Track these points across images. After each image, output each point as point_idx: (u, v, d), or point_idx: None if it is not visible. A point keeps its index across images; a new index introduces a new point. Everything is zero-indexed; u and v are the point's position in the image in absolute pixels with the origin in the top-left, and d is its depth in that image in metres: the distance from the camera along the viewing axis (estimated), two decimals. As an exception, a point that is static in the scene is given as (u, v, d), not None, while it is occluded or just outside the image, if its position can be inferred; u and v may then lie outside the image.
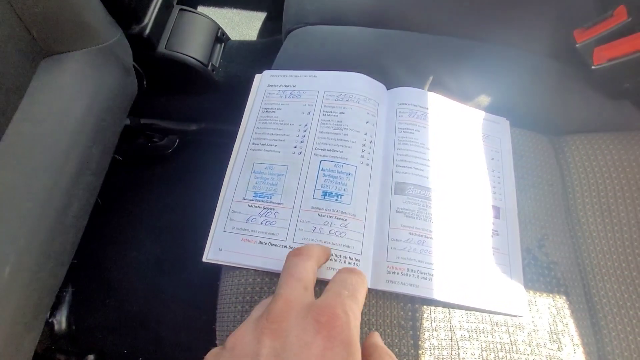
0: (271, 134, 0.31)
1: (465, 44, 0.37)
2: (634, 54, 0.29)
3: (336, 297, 0.17)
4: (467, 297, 0.27)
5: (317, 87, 0.32)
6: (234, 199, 0.29)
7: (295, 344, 0.15)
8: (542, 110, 0.36)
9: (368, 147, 0.30)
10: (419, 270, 0.26)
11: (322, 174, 0.29)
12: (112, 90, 0.45)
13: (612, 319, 0.29)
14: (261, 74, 0.34)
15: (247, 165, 0.30)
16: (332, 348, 0.15)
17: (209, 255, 0.27)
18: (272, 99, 0.32)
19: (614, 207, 0.32)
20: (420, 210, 0.28)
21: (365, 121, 0.31)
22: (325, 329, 0.16)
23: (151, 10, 0.52)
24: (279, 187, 0.29)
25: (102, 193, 0.64)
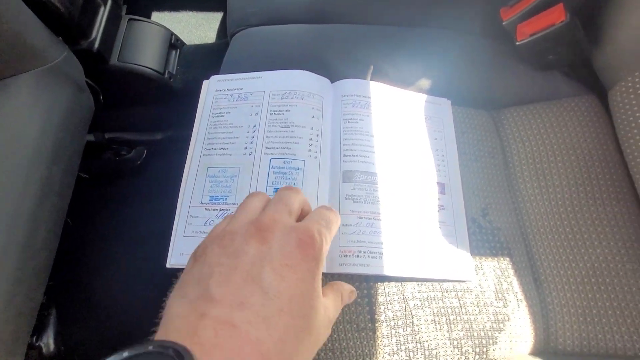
0: (222, 137, 0.32)
1: (402, 31, 0.38)
2: (551, 27, 0.31)
3: (315, 224, 0.21)
4: (417, 270, 0.29)
5: (263, 88, 0.33)
6: (191, 204, 0.30)
7: (278, 251, 0.19)
8: (480, 88, 0.39)
9: (315, 141, 0.32)
10: (369, 250, 0.29)
11: (272, 171, 0.30)
12: (66, 109, 0.45)
13: (551, 272, 0.32)
14: (208, 79, 0.35)
15: (201, 170, 0.31)
16: (307, 261, 0.19)
17: (172, 261, 0.29)
18: (220, 104, 0.34)
19: (548, 170, 0.35)
20: (367, 195, 0.30)
21: (310, 116, 0.32)
22: (304, 246, 0.19)
23: (98, 23, 0.51)
24: (232, 188, 0.30)
25: (73, 212, 0.64)
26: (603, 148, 0.35)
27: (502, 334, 0.29)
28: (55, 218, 0.44)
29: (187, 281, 0.19)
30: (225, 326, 0.16)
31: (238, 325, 0.16)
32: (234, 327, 0.16)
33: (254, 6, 0.38)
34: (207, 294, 0.17)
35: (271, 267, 0.18)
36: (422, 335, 0.28)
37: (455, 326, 0.29)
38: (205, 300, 0.17)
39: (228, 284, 0.18)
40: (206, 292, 0.17)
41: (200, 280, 0.18)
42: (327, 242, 0.21)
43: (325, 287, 0.24)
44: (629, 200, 0.33)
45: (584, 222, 0.32)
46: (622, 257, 0.31)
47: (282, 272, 0.18)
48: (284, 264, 0.19)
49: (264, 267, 0.18)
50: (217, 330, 0.16)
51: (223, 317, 0.16)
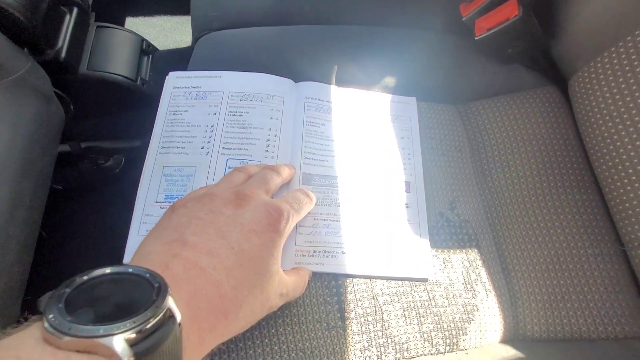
0: (179, 136, 0.32)
1: (366, 30, 0.39)
2: (506, 22, 0.32)
3: (286, 204, 0.25)
4: (373, 268, 0.29)
5: (222, 88, 0.33)
6: (147, 203, 0.30)
7: (249, 218, 0.22)
8: (446, 83, 0.39)
9: (273, 142, 0.32)
10: (324, 250, 0.29)
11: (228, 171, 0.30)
12: (34, 121, 0.44)
13: (518, 261, 0.32)
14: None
15: (157, 168, 0.31)
16: (271, 232, 0.22)
17: (126, 259, 0.29)
18: (178, 101, 0.33)
19: (513, 161, 0.35)
20: (325, 197, 0.31)
21: (269, 117, 0.32)
22: (271, 219, 0.23)
23: (63, 32, 0.50)
24: (188, 187, 0.30)
25: (51, 225, 0.63)
26: (564, 137, 0.36)
27: (471, 325, 0.30)
28: (27, 232, 0.43)
29: (163, 226, 0.22)
30: (194, 266, 0.19)
31: (204, 268, 0.19)
32: (201, 269, 0.19)
33: (216, 10, 0.38)
34: (182, 238, 0.20)
35: (240, 229, 0.21)
36: (392, 330, 0.29)
37: (425, 319, 0.29)
38: (179, 243, 0.20)
39: (202, 235, 0.20)
40: (181, 237, 0.20)
41: (177, 227, 0.21)
42: (293, 221, 0.25)
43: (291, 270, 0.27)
44: (590, 187, 0.34)
45: (547, 210, 0.33)
46: (584, 243, 0.32)
47: (249, 235, 0.21)
48: (251, 229, 0.22)
49: (235, 227, 0.21)
50: (187, 268, 0.19)
51: (193, 259, 0.19)
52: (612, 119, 0.31)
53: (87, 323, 0.13)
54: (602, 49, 0.32)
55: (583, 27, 0.33)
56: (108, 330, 0.13)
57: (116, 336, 0.13)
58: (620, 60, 0.31)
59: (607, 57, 0.32)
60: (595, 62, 0.33)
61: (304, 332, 0.28)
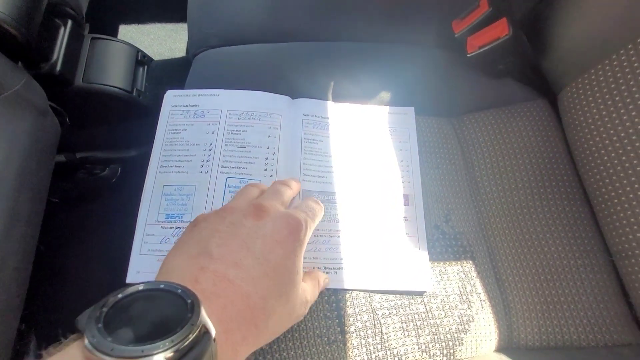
0: (178, 155, 0.32)
1: (361, 46, 0.39)
2: (497, 40, 0.33)
3: (302, 213, 0.25)
4: (373, 282, 0.30)
5: (220, 106, 0.34)
6: (147, 222, 0.30)
7: (271, 229, 0.23)
8: (439, 97, 0.40)
9: (271, 160, 0.32)
10: (324, 266, 0.30)
11: (228, 190, 0.31)
12: (29, 135, 0.44)
13: (511, 272, 0.33)
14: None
15: (157, 188, 0.31)
16: (292, 241, 0.23)
17: (129, 279, 0.29)
18: (177, 120, 0.34)
19: (505, 173, 0.36)
20: (324, 213, 0.31)
21: (267, 135, 0.33)
22: (292, 229, 0.23)
23: (58, 45, 0.50)
24: (188, 206, 0.30)
25: (47, 238, 0.62)
26: (554, 150, 0.37)
27: (467, 335, 0.31)
28: (25, 247, 0.43)
29: (186, 241, 0.22)
30: (222, 279, 0.19)
31: (232, 280, 0.20)
32: (229, 281, 0.19)
33: (213, 27, 0.39)
34: (206, 251, 0.21)
35: (263, 240, 0.22)
36: (391, 343, 0.29)
37: (423, 331, 0.30)
38: (205, 256, 0.20)
39: (226, 246, 0.21)
40: (206, 250, 0.21)
41: (200, 241, 0.22)
42: (310, 229, 0.25)
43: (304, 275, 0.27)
44: (579, 199, 0.35)
45: (539, 223, 0.34)
46: (574, 254, 0.33)
47: (272, 246, 0.22)
48: (274, 239, 0.22)
49: (257, 238, 0.22)
50: (215, 281, 0.19)
51: (220, 271, 0.20)
52: (600, 133, 0.32)
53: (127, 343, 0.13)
54: (589, 66, 0.33)
55: (570, 45, 0.34)
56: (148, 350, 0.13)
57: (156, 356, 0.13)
58: (606, 77, 0.32)
59: (594, 74, 0.33)
60: (583, 79, 0.34)
61: (305, 347, 0.28)
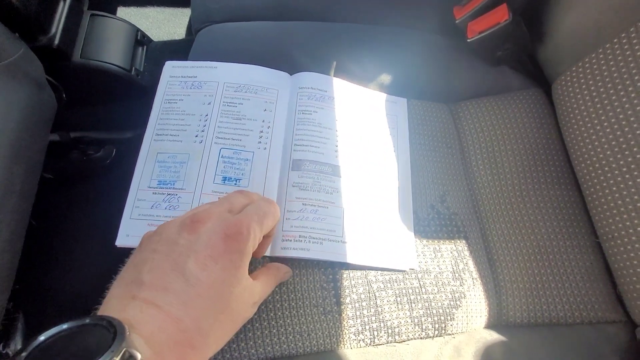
0: (173, 124, 0.32)
1: (363, 28, 0.40)
2: (496, 25, 0.34)
3: (246, 217, 0.23)
4: (358, 257, 0.30)
5: (217, 79, 0.34)
6: (139, 188, 0.31)
7: (204, 243, 0.21)
8: (438, 82, 0.41)
9: (265, 133, 0.33)
10: (310, 235, 0.30)
11: (221, 160, 0.31)
12: (25, 107, 0.44)
13: (502, 252, 0.34)
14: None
15: (151, 155, 0.32)
16: (230, 252, 0.22)
17: (118, 241, 0.29)
18: (174, 90, 0.34)
19: (499, 158, 0.37)
20: (314, 183, 0.32)
21: (263, 109, 0.33)
22: (229, 239, 0.22)
23: (57, 18, 0.49)
24: (181, 174, 0.31)
25: (39, 214, 0.61)
26: (547, 137, 0.38)
27: (459, 311, 0.32)
28: (17, 219, 0.42)
29: (128, 265, 0.22)
30: (150, 306, 0.19)
31: (161, 306, 0.19)
32: (157, 307, 0.19)
33: (217, 2, 0.39)
34: (138, 278, 0.20)
35: (195, 257, 0.21)
36: (385, 315, 0.30)
37: (416, 305, 0.31)
38: (137, 284, 0.20)
39: (157, 270, 0.21)
40: (138, 277, 0.20)
41: (138, 265, 0.21)
42: (256, 237, 0.23)
43: (259, 269, 0.27)
44: (570, 184, 0.36)
45: (530, 205, 0.35)
46: (564, 235, 0.34)
47: (205, 262, 0.21)
48: (207, 255, 0.21)
49: (189, 257, 0.21)
50: (143, 309, 0.19)
51: (149, 298, 0.19)
52: (592, 121, 0.34)
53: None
54: (583, 54, 0.34)
55: (566, 34, 0.35)
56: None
57: None
58: (599, 66, 0.33)
59: (587, 62, 0.34)
60: (577, 67, 0.35)
61: (301, 316, 0.29)
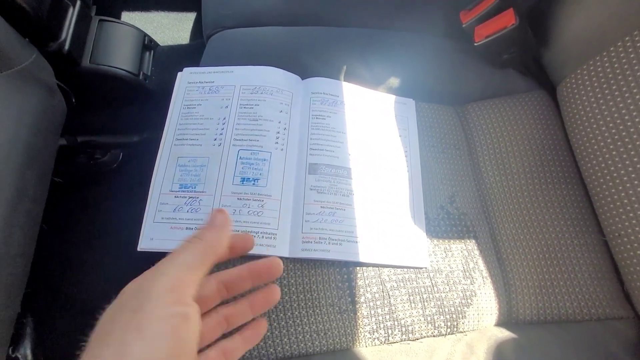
0: (193, 129, 0.33)
1: (373, 33, 0.41)
2: (503, 29, 0.35)
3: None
4: (376, 256, 0.31)
5: (234, 82, 0.35)
6: (162, 192, 0.31)
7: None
8: (445, 85, 0.42)
9: (282, 134, 0.33)
10: (330, 237, 0.31)
11: (240, 162, 0.32)
12: (37, 112, 0.44)
13: (512, 251, 0.35)
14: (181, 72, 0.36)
15: (172, 159, 0.32)
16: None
17: (142, 245, 0.30)
18: (192, 96, 0.35)
19: (507, 159, 0.38)
20: (331, 186, 0.32)
21: (279, 110, 0.34)
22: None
23: (67, 24, 0.50)
24: (201, 177, 0.31)
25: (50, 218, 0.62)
26: (553, 138, 0.39)
27: (470, 309, 0.32)
28: (30, 223, 0.43)
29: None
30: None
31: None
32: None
33: (228, 8, 0.39)
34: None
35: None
36: (398, 314, 0.31)
37: (429, 303, 0.31)
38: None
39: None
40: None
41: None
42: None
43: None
44: (576, 183, 0.37)
45: (538, 205, 0.36)
46: (571, 234, 0.35)
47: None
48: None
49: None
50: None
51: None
52: (597, 122, 0.34)
53: None
54: (587, 57, 0.35)
55: (570, 37, 0.36)
56: None
57: None
58: (604, 69, 0.34)
59: (592, 65, 0.35)
60: (582, 70, 0.36)
61: (317, 315, 0.29)
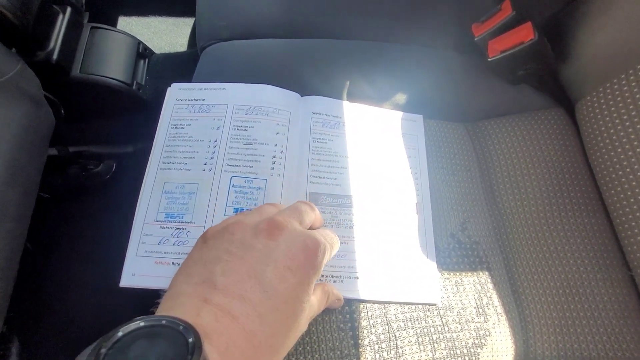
0: (181, 151, 0.30)
1: (377, 46, 0.38)
2: (520, 45, 0.32)
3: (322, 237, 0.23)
4: (381, 293, 0.29)
5: (226, 101, 0.32)
6: (145, 222, 0.28)
7: (284, 250, 0.21)
8: (455, 101, 0.39)
9: (279, 158, 0.31)
10: (330, 274, 0.28)
11: (232, 190, 0.29)
12: (22, 126, 0.42)
13: (528, 285, 0.32)
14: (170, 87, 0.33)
15: (157, 185, 0.29)
16: (307, 267, 0.21)
17: (123, 282, 0.27)
18: (181, 114, 0.32)
19: (522, 182, 0.35)
20: (332, 218, 0.30)
21: (275, 132, 0.31)
22: (309, 251, 0.21)
23: (56, 32, 0.48)
24: (190, 206, 0.28)
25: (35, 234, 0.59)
26: (572, 160, 0.36)
27: (484, 350, 0.29)
28: (12, 245, 0.40)
29: (194, 260, 0.21)
30: (226, 315, 0.18)
31: (237, 317, 0.18)
32: (233, 318, 0.18)
33: (224, 20, 0.37)
34: (211, 280, 0.19)
35: (275, 266, 0.20)
36: (406, 357, 0.28)
37: (439, 345, 0.29)
38: (209, 286, 0.19)
39: (232, 275, 0.19)
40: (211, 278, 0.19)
41: (207, 264, 0.20)
42: (328, 257, 0.23)
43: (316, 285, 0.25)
44: (598, 211, 0.34)
45: (557, 234, 0.33)
46: (593, 267, 0.32)
47: (283, 274, 0.20)
48: (286, 265, 0.20)
49: (268, 265, 0.20)
50: (218, 317, 0.18)
51: (224, 306, 0.18)
52: (621, 145, 0.32)
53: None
54: (610, 76, 0.32)
55: (592, 54, 0.34)
56: None
57: None
58: (630, 88, 0.31)
59: (616, 84, 0.32)
60: (605, 88, 0.33)
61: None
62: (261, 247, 0.20)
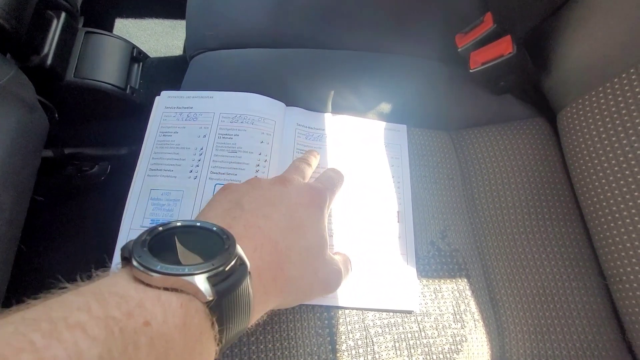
0: (168, 158, 0.31)
1: (362, 55, 0.39)
2: (500, 57, 0.33)
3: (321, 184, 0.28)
4: (360, 300, 0.29)
5: (213, 109, 0.33)
6: (132, 227, 0.29)
7: (295, 194, 0.25)
8: (439, 110, 0.40)
9: (262, 167, 0.31)
10: None
11: None
12: (15, 131, 0.43)
13: (505, 292, 0.33)
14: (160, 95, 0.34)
15: (144, 191, 0.30)
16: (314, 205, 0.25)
17: None
18: (169, 122, 0.33)
19: (502, 192, 0.36)
20: None
21: (259, 141, 0.32)
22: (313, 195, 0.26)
23: (50, 37, 0.48)
24: (175, 212, 0.29)
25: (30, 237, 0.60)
26: (552, 169, 0.37)
27: (459, 355, 0.30)
28: (5, 248, 0.41)
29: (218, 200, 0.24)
30: (253, 226, 0.22)
31: (262, 227, 0.22)
32: (259, 228, 0.22)
33: (212, 29, 0.38)
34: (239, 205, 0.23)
35: (288, 201, 0.24)
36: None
37: (415, 350, 0.30)
38: (237, 209, 0.23)
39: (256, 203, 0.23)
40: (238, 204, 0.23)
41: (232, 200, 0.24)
42: (331, 200, 0.28)
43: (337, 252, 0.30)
44: (575, 221, 0.35)
45: (534, 242, 0.34)
46: (569, 276, 0.33)
47: (296, 207, 0.24)
48: (297, 202, 0.24)
49: (282, 200, 0.24)
50: (247, 227, 0.21)
51: (251, 220, 0.22)
52: (599, 156, 0.32)
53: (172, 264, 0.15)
54: (590, 87, 0.33)
55: (572, 66, 0.34)
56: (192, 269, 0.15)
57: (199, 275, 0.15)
58: (607, 100, 0.32)
59: (595, 95, 0.33)
60: (584, 99, 0.34)
61: (294, 366, 0.27)
62: (276, 190, 0.25)
